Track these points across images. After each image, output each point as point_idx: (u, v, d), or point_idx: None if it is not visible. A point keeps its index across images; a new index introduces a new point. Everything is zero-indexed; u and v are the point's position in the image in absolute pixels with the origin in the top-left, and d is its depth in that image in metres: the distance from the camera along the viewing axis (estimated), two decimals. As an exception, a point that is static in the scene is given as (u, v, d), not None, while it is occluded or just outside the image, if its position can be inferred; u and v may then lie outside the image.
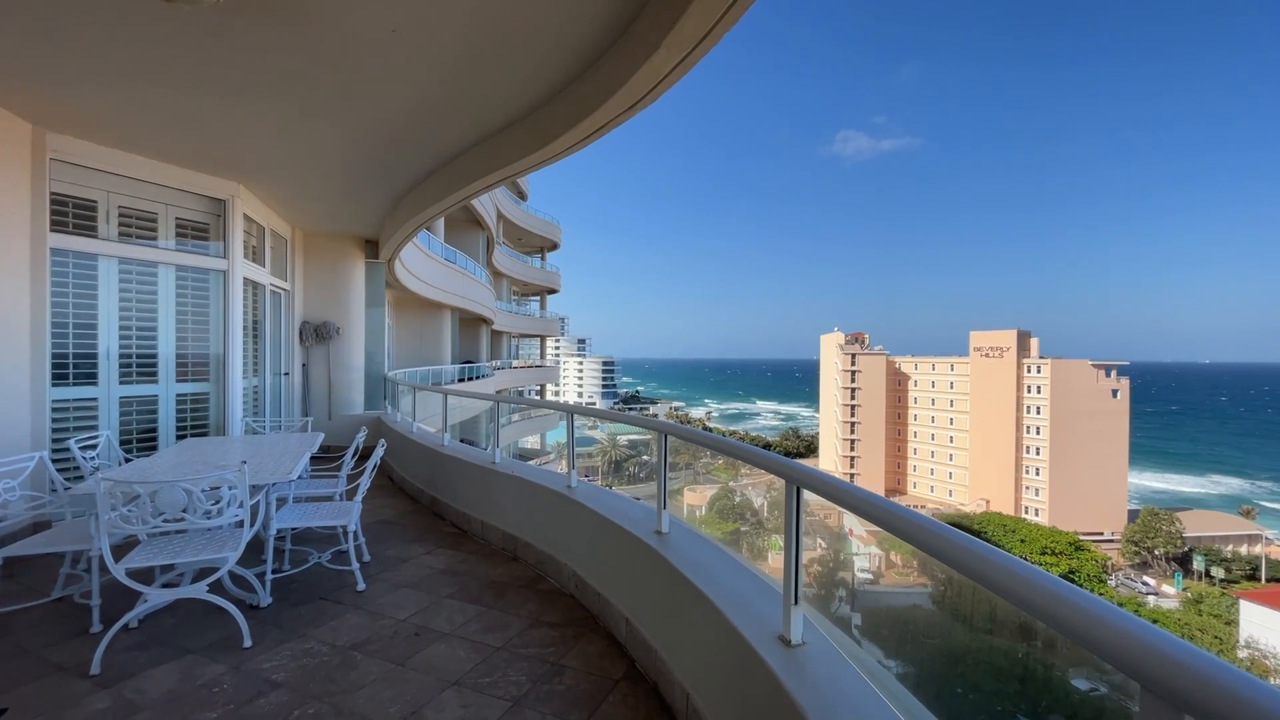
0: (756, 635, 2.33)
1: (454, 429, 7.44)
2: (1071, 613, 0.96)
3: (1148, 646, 0.85)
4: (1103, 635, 0.91)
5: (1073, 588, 1.01)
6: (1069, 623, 0.96)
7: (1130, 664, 0.85)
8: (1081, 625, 0.94)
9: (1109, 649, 0.89)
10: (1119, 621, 0.90)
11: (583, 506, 4.44)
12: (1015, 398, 65.35)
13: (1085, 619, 0.94)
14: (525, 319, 36.21)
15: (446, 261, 18.13)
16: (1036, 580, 1.05)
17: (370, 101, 5.10)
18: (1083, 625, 0.94)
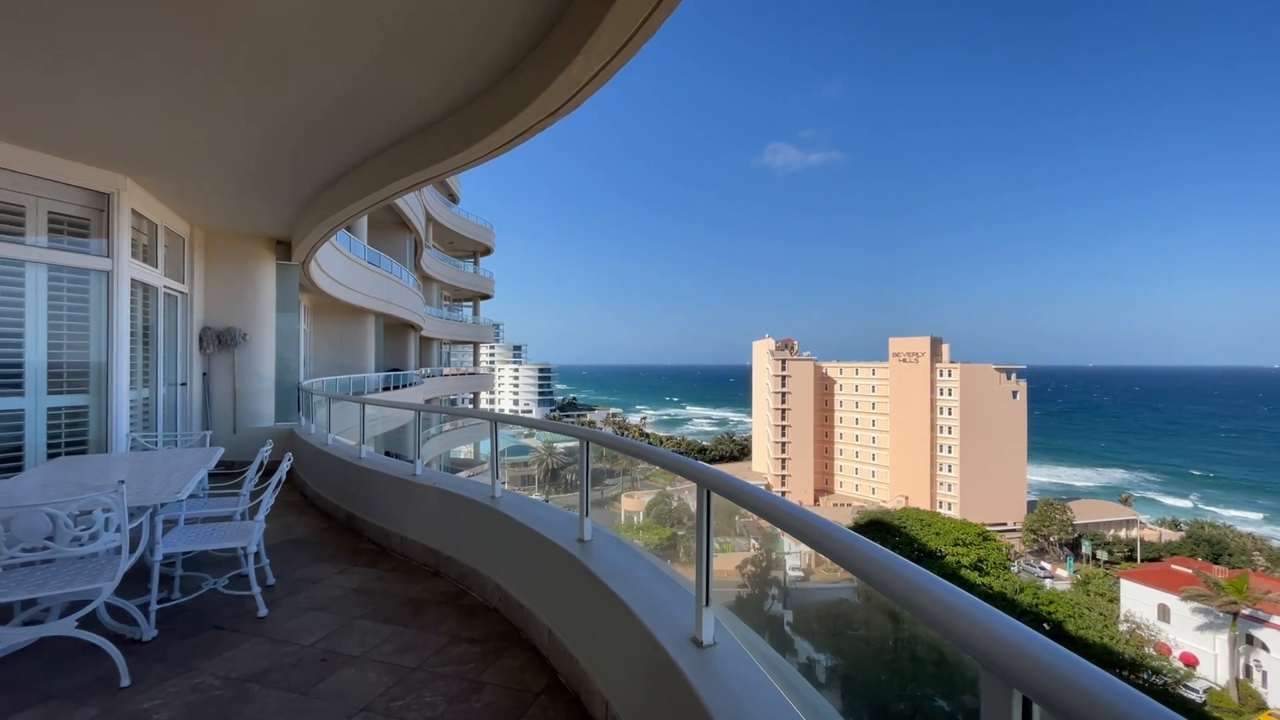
0: (670, 638, 2.35)
1: (377, 440, 7.11)
2: (924, 597, 1.04)
3: (984, 628, 0.92)
4: (948, 618, 0.98)
5: (928, 574, 1.08)
6: (922, 607, 1.03)
7: (971, 644, 0.92)
8: (932, 609, 1.01)
9: (954, 631, 0.96)
10: (963, 604, 0.98)
11: (506, 517, 4.34)
12: (929, 400, 69.96)
13: (935, 603, 1.01)
14: (457, 325, 35.14)
15: (369, 265, 17.32)
16: (898, 568, 1.13)
17: (275, 93, 4.80)
18: (933, 609, 1.01)
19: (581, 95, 4.13)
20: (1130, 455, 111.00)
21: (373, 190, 6.35)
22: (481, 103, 4.79)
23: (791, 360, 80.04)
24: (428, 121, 5.39)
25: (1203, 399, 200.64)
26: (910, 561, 1.14)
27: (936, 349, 71.28)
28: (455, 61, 4.29)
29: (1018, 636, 0.88)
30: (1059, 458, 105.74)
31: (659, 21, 3.23)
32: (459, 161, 5.38)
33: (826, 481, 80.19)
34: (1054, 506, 60.20)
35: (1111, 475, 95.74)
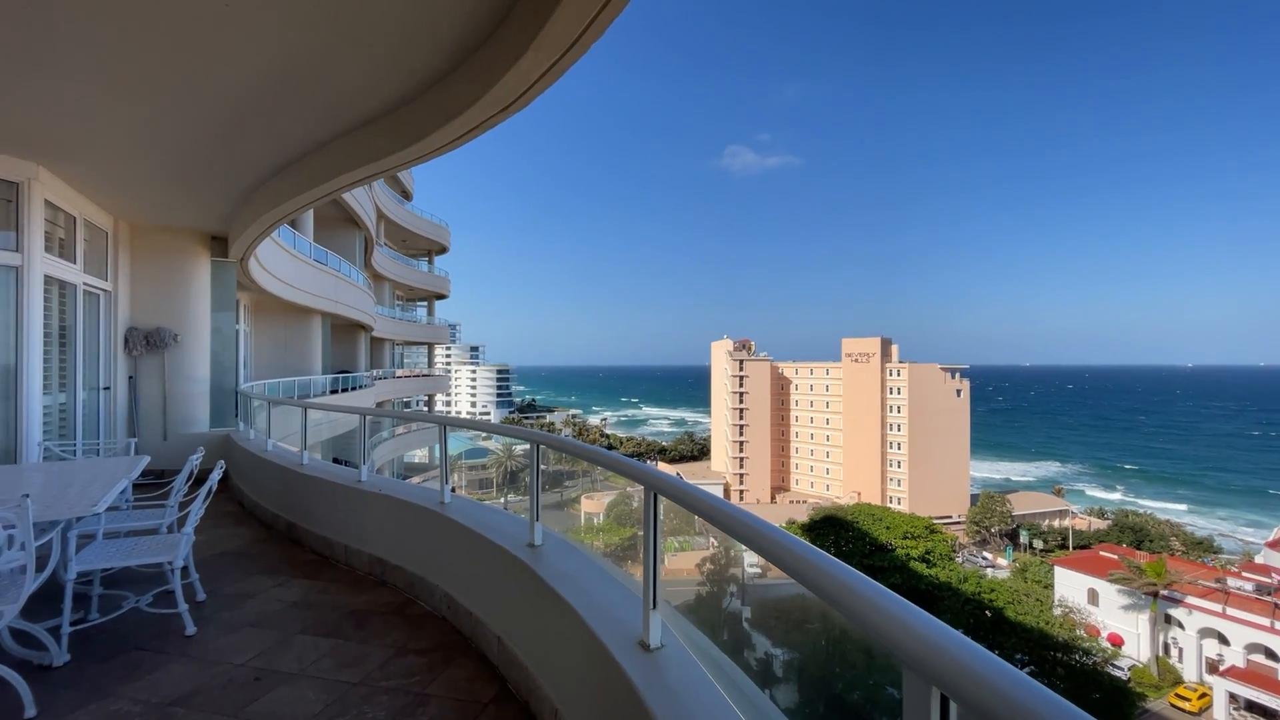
0: (617, 642, 2.33)
1: (323, 446, 6.82)
2: (852, 596, 1.05)
3: (906, 627, 0.93)
4: (874, 617, 0.99)
5: (857, 574, 1.09)
6: (849, 606, 1.04)
7: (893, 642, 0.94)
8: (859, 608, 1.03)
9: (879, 630, 0.97)
10: (887, 604, 0.99)
11: (455, 523, 4.22)
12: (880, 399, 72.43)
13: (862, 603, 1.03)
14: (410, 325, 34.17)
15: (316, 262, 16.64)
16: (828, 568, 1.14)
17: (204, 80, 4.54)
18: (860, 608, 1.03)
19: (533, 92, 4.06)
20: (1063, 449, 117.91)
21: (315, 185, 6.09)
22: (429, 97, 4.65)
23: (749, 361, 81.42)
24: (372, 115, 5.21)
25: (1128, 396, 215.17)
26: (840, 561, 1.16)
27: (886, 349, 73.86)
28: (399, 54, 4.15)
29: (937, 635, 0.89)
30: (999, 453, 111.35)
31: (610, 18, 3.21)
32: (407, 157, 5.21)
33: (783, 479, 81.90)
34: (994, 499, 63.36)
35: (1047, 468, 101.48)
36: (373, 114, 5.21)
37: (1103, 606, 37.53)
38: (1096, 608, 37.71)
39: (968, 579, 40.89)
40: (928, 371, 72.06)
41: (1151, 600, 34.88)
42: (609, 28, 3.35)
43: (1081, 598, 38.57)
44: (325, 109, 5.06)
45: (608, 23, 3.26)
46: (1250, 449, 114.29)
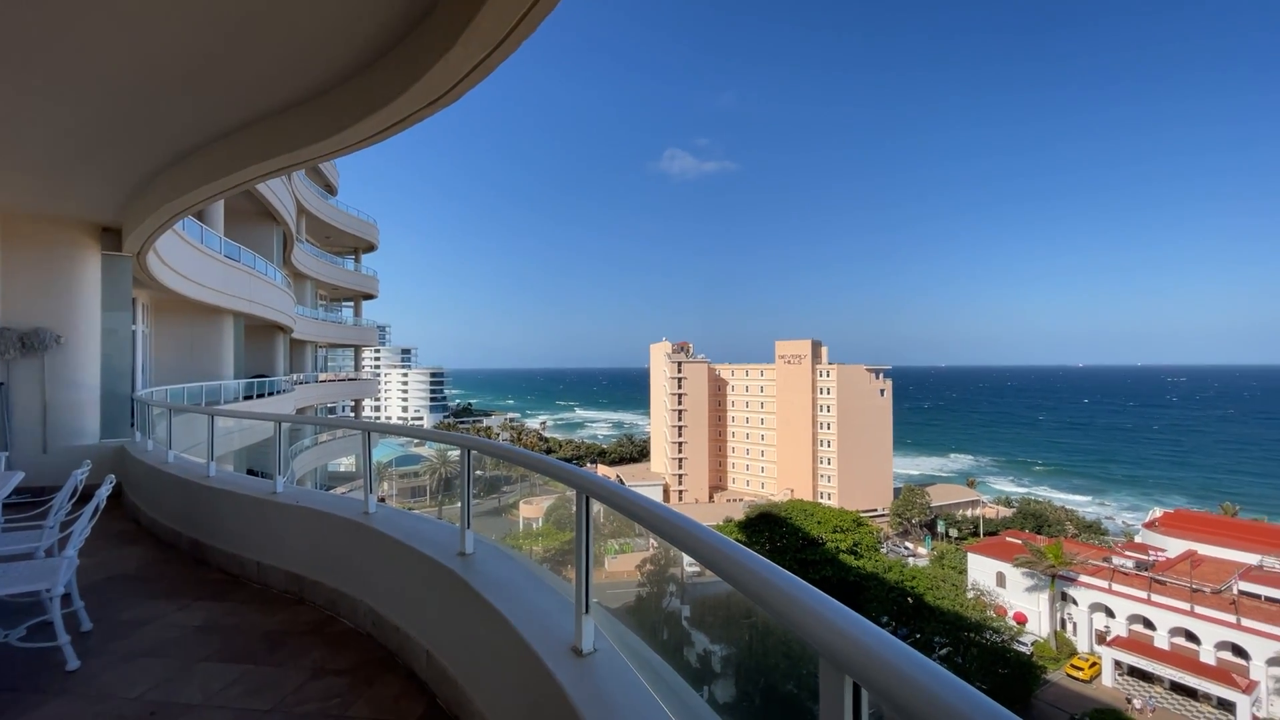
0: (549, 649, 2.29)
1: (236, 457, 6.32)
2: (770, 590, 1.07)
3: (820, 618, 0.96)
4: (790, 610, 1.02)
5: (775, 569, 1.12)
6: (768, 599, 1.07)
7: (808, 633, 0.96)
8: (777, 601, 1.05)
9: (795, 621, 1.00)
10: (802, 596, 1.02)
11: (380, 534, 4.02)
12: (811, 399, 75.43)
13: (780, 596, 1.06)
14: (335, 327, 32.40)
15: (227, 258, 15.47)
16: (749, 564, 1.16)
17: (80, 60, 4.11)
18: (777, 601, 1.05)
19: (463, 86, 3.94)
20: (975, 444, 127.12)
21: (222, 175, 5.65)
22: (351, 87, 4.42)
23: (687, 363, 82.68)
24: (288, 103, 4.89)
25: (1028, 394, 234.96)
26: (760, 556, 1.18)
27: (817, 351, 77.04)
28: (316, 41, 3.92)
29: (848, 625, 0.92)
30: (919, 448, 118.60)
31: (541, 16, 3.16)
32: (326, 149, 4.94)
33: (720, 478, 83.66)
34: (915, 492, 67.41)
35: (961, 462, 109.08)
36: (288, 102, 4.90)
37: (1009, 588, 40.70)
38: (1004, 589, 40.85)
39: (892, 568, 43.27)
40: (854, 372, 75.75)
41: (1050, 580, 38.17)
42: (541, 26, 3.31)
43: (991, 581, 41.67)
44: (233, 95, 4.71)
45: (538, 21, 3.22)
46: (1128, 441, 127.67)
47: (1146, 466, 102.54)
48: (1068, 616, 38.42)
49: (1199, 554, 39.79)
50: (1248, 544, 40.69)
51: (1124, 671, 33.94)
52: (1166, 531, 44.50)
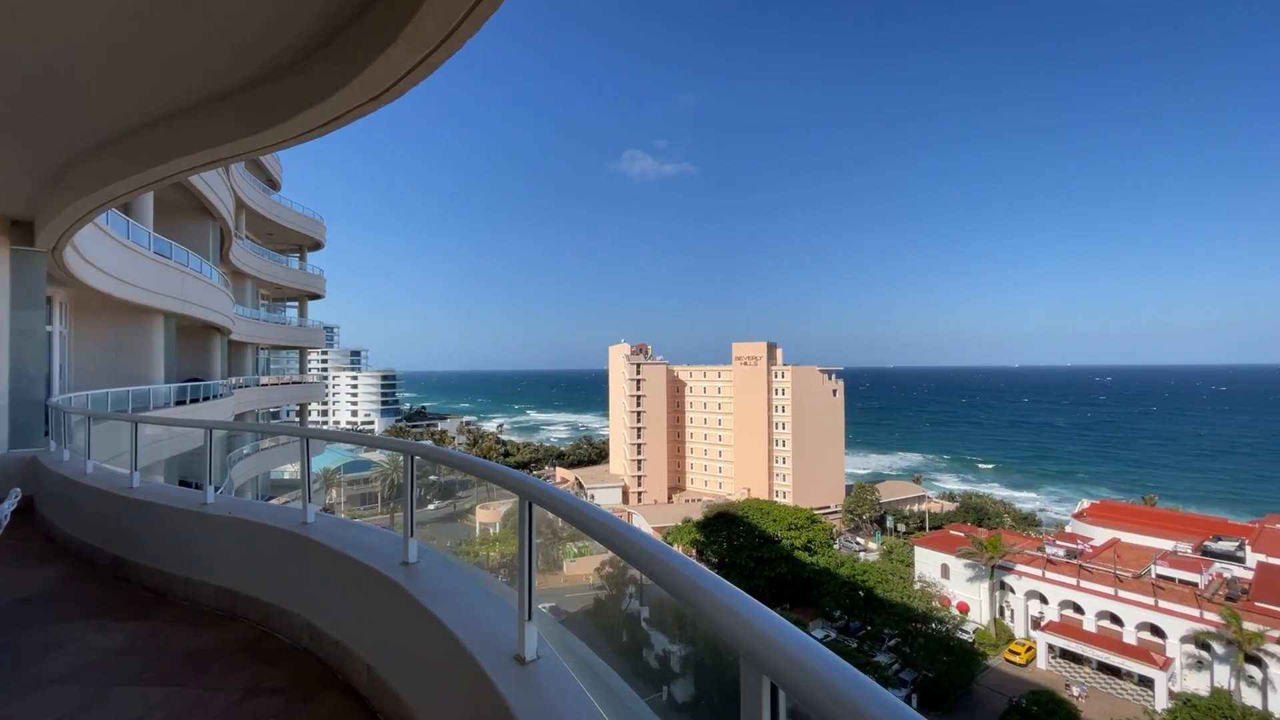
0: (492, 658, 2.25)
1: (167, 466, 5.96)
2: (697, 592, 1.09)
3: (742, 620, 0.98)
4: (714, 611, 1.03)
5: (702, 570, 1.14)
6: (694, 600, 1.08)
7: (731, 634, 0.98)
8: (702, 603, 1.07)
9: (719, 623, 1.02)
10: (726, 598, 1.03)
11: (319, 545, 3.86)
12: (766, 399, 76.96)
13: (705, 597, 1.07)
14: (278, 328, 30.96)
15: (157, 255, 14.58)
16: (678, 566, 1.18)
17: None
18: (703, 603, 1.07)
19: (406, 83, 3.84)
20: (921, 442, 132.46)
21: (147, 166, 5.32)
22: (288, 79, 4.24)
23: (646, 364, 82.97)
24: (219, 92, 4.65)
25: (970, 394, 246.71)
26: (688, 559, 1.19)
27: (772, 353, 78.66)
28: (250, 27, 3.74)
29: (768, 627, 0.94)
30: (869, 446, 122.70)
31: (484, 17, 3.12)
32: (262, 142, 4.72)
33: (679, 479, 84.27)
34: (865, 489, 69.69)
35: (909, 459, 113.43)
36: (220, 92, 4.66)
37: (953, 579, 42.56)
38: (948, 580, 42.69)
39: (844, 564, 44.58)
40: (808, 373, 77.74)
41: (990, 571, 40.13)
42: (499, 25, 3.26)
43: (936, 573, 43.47)
44: (158, 81, 4.44)
45: (481, 21, 3.17)
46: (1060, 438, 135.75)
47: (1077, 461, 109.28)
48: (1006, 604, 40.46)
49: (1122, 542, 42.63)
50: (1165, 531, 43.88)
51: (1056, 654, 36.01)
52: (1093, 521, 47.49)
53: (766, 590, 44.09)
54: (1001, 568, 39.94)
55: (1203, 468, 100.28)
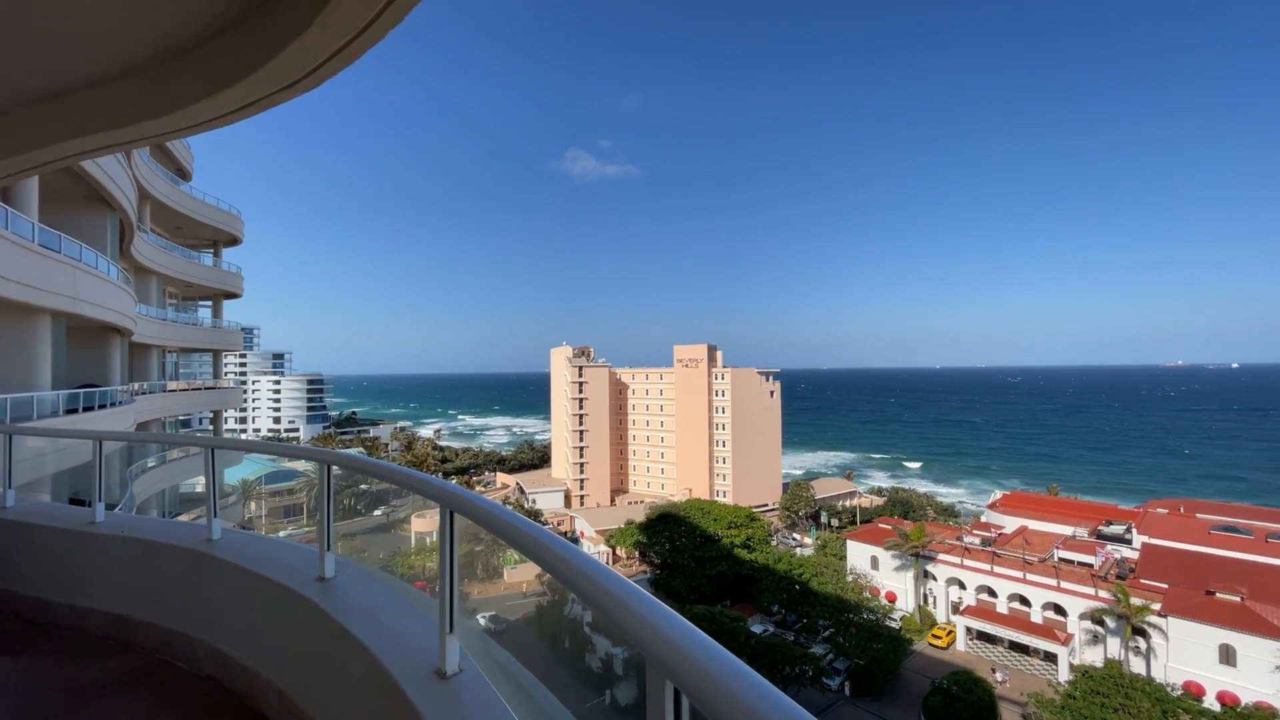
0: (410, 675, 2.16)
1: (55, 481, 5.37)
2: (605, 596, 1.08)
3: (647, 623, 0.98)
4: (622, 615, 1.03)
5: (612, 575, 1.13)
6: (603, 604, 1.08)
7: (636, 638, 0.98)
8: (611, 607, 1.06)
9: (627, 627, 1.02)
10: (633, 601, 1.03)
11: (226, 563, 3.59)
12: (707, 401, 78.35)
13: (614, 601, 1.07)
14: (189, 329, 28.67)
15: (43, 248, 13.18)
16: (589, 571, 1.17)
17: None
18: (612, 607, 1.06)
19: (323, 72, 3.64)
20: (853, 440, 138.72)
21: (24, 151, 4.78)
22: (190, 61, 3.92)
23: (588, 367, 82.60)
24: (117, 71, 4.23)
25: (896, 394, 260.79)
26: (601, 564, 1.19)
27: (713, 355, 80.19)
28: (141, 4, 3.44)
29: (671, 630, 0.94)
30: (805, 445, 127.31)
31: (405, 9, 3.01)
32: (160, 129, 4.35)
33: (622, 481, 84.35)
34: (801, 487, 72.21)
35: (842, 457, 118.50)
36: (117, 69, 4.25)
37: (881, 570, 44.76)
38: (877, 571, 44.85)
39: (781, 559, 45.97)
40: (746, 375, 79.77)
41: (914, 560, 42.49)
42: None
43: (867, 564, 45.59)
44: (33, 57, 4.01)
45: (403, 13, 3.07)
46: (977, 434, 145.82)
47: (992, 455, 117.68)
48: (929, 592, 42.95)
49: (1030, 529, 46.23)
50: (1066, 518, 47.94)
51: (974, 636, 38.55)
52: (1005, 511, 51.24)
53: (708, 589, 44.83)
54: (925, 557, 42.37)
55: (1098, 460, 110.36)
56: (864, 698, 32.89)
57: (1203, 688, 29.71)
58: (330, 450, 3.18)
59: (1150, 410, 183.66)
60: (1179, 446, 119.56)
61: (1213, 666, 29.99)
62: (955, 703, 28.98)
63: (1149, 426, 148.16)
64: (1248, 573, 33.40)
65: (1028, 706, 29.26)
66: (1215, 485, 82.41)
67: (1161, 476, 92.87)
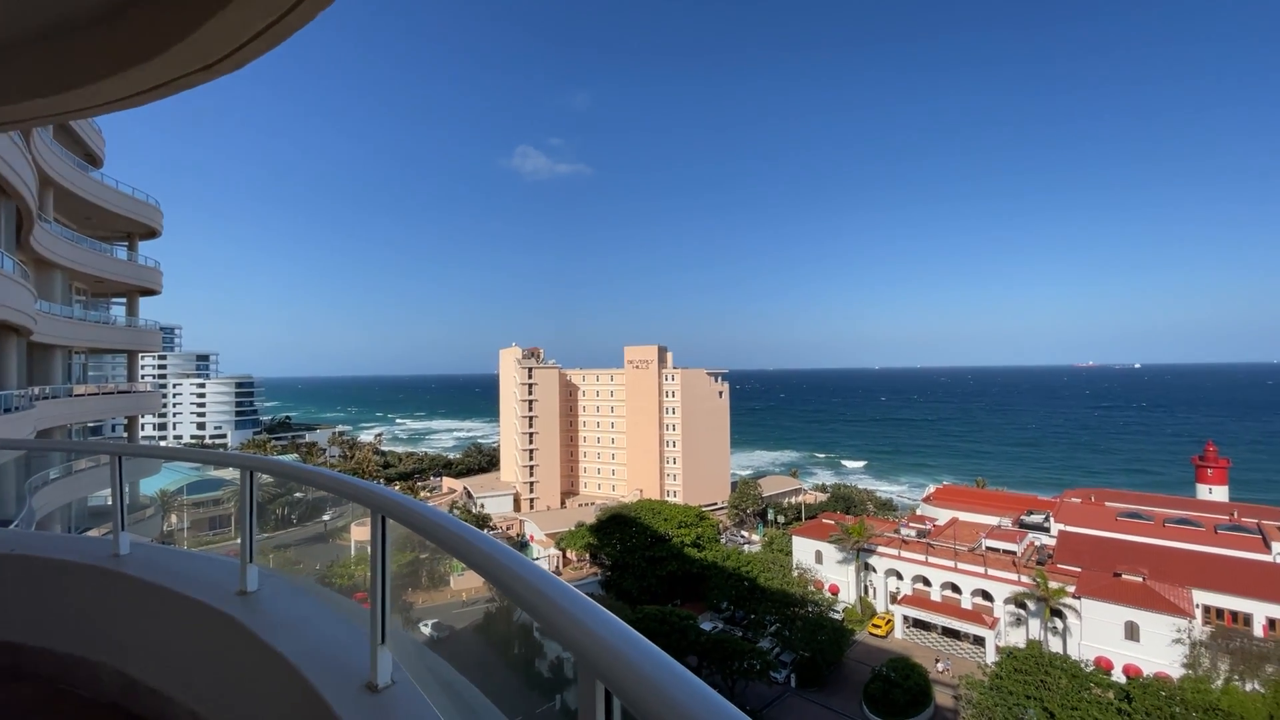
0: (338, 690, 2.05)
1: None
2: (537, 597, 1.05)
3: (578, 623, 0.96)
4: (552, 615, 1.01)
5: (546, 576, 1.10)
6: (534, 605, 1.05)
7: (568, 639, 0.96)
8: (542, 608, 1.03)
9: (558, 628, 0.99)
10: (564, 601, 1.01)
11: (135, 580, 3.31)
12: (658, 401, 78.88)
13: (544, 601, 1.03)
14: (99, 328, 26.43)
15: (-79, 238, 11.84)
16: (523, 573, 1.13)
17: None
18: (543, 607, 1.03)
19: (247, 52, 3.42)
20: (798, 439, 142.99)
21: (-106, 125, 4.27)
22: (91, 34, 3.61)
23: (538, 368, 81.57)
24: (10, 41, 3.85)
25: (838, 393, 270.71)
26: (533, 564, 1.15)
27: (663, 356, 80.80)
28: (36, -34, 3.14)
29: (604, 631, 0.92)
30: (752, 444, 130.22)
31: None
32: (60, 107, 3.98)
33: (573, 483, 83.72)
34: (749, 485, 73.78)
35: (788, 455, 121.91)
36: (10, 40, 3.86)
37: (825, 564, 46.28)
38: (822, 565, 46.34)
39: (730, 556, 46.78)
40: (696, 376, 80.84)
41: (855, 554, 44.16)
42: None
43: (811, 559, 47.02)
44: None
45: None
46: (913, 431, 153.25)
47: (927, 451, 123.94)
48: (870, 583, 44.74)
49: (960, 520, 48.89)
50: (993, 509, 51.02)
51: (910, 624, 40.43)
52: (938, 504, 54.02)
53: (659, 588, 45.10)
54: (865, 550, 44.11)
55: (1022, 454, 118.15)
56: (809, 688, 33.90)
57: (1111, 662, 32.28)
58: (251, 455, 2.99)
59: (1068, 407, 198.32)
60: (1093, 441, 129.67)
61: (1120, 642, 32.63)
62: (893, 689, 30.32)
63: (1068, 423, 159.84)
64: (1149, 555, 36.54)
65: (959, 688, 30.93)
66: (1124, 477, 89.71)
67: (1077, 469, 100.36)
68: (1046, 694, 26.65)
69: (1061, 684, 26.98)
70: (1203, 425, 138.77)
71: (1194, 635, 30.62)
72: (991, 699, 27.64)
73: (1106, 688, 27.56)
